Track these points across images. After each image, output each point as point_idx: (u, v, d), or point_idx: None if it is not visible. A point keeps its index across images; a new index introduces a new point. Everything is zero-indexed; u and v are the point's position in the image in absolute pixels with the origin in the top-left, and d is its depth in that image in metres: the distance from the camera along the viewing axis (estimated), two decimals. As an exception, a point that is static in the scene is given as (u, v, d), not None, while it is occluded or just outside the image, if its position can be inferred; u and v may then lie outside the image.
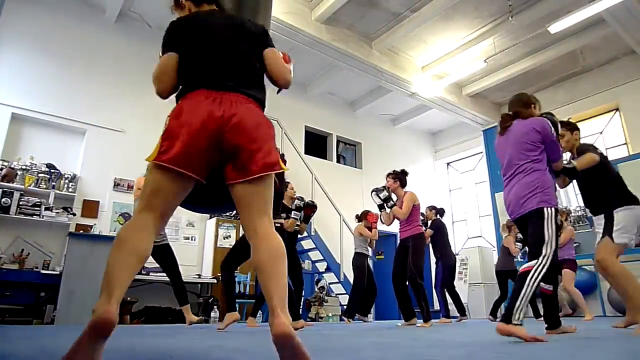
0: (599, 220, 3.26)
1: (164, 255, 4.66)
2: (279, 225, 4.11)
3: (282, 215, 4.59)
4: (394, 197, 4.82)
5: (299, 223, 4.97)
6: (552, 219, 2.47)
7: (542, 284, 2.67)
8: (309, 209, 4.94)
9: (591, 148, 3.37)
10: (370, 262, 6.43)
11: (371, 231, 6.20)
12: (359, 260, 6.14)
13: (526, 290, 2.23)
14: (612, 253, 3.06)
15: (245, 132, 1.32)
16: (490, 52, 7.94)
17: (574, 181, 3.40)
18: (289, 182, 5.15)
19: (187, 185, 1.35)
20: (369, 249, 6.34)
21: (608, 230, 3.10)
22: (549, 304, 2.87)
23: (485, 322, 6.00)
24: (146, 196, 1.33)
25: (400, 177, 4.86)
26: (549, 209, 2.49)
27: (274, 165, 1.35)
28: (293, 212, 4.74)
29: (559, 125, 2.88)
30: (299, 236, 5.41)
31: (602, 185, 3.29)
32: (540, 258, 2.35)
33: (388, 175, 4.91)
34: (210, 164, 1.35)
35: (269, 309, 1.26)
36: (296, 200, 4.78)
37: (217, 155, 1.33)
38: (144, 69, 7.25)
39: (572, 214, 7.91)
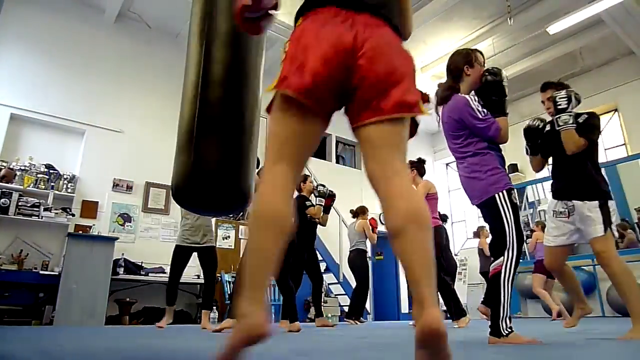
0: (585, 207, 2.61)
1: (212, 257, 4.51)
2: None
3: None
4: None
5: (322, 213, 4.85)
6: (507, 203, 2.19)
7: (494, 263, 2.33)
8: (329, 199, 4.85)
9: (595, 125, 2.74)
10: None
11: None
12: (360, 257, 5.92)
13: (504, 296, 2.10)
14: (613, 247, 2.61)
15: (381, 62, 1.06)
16: (489, 53, 7.95)
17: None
18: (308, 176, 5.04)
19: (313, 124, 1.11)
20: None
21: (607, 220, 2.56)
22: (492, 296, 2.38)
23: (485, 322, 5.99)
24: (273, 144, 1.09)
25: (416, 165, 4.52)
26: (500, 193, 2.20)
27: (413, 107, 1.09)
28: (317, 198, 4.63)
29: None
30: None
31: (593, 166, 2.72)
32: (506, 253, 2.14)
33: None
34: (335, 100, 1.11)
35: (414, 296, 0.95)
36: (319, 187, 4.65)
37: (342, 89, 1.09)
38: (143, 69, 7.27)
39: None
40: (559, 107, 2.60)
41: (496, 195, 2.20)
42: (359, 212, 6.23)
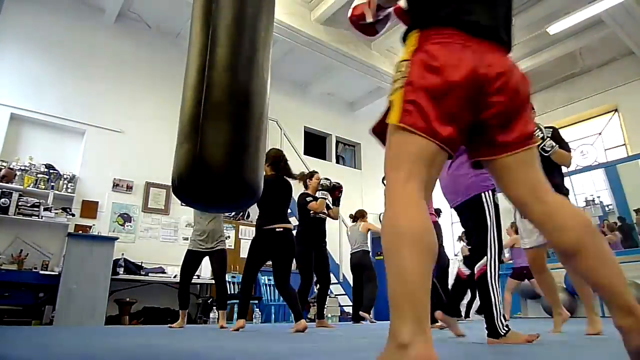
0: None
1: (221, 258, 4.58)
2: (285, 228, 3.86)
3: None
4: None
5: (331, 207, 4.80)
6: (490, 203, 2.32)
7: (462, 267, 2.57)
8: (336, 190, 4.79)
9: (561, 136, 3.20)
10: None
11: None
12: (368, 256, 5.92)
13: (494, 296, 2.15)
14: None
15: (514, 97, 1.04)
16: (489, 53, 7.95)
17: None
18: (315, 172, 4.99)
19: (442, 154, 1.04)
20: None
21: None
22: (458, 290, 2.64)
23: (483, 321, 5.99)
24: (405, 163, 1.01)
25: None
26: (486, 192, 2.33)
27: (532, 136, 1.08)
28: (320, 192, 4.55)
29: None
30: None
31: (558, 174, 3.10)
32: (489, 252, 2.22)
33: None
34: (464, 136, 1.07)
35: (616, 306, 0.91)
36: (322, 181, 4.58)
37: (472, 125, 1.06)
38: (143, 70, 7.27)
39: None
40: (539, 136, 2.97)
41: (482, 194, 2.31)
42: (359, 216, 6.25)
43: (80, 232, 5.73)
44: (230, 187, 1.64)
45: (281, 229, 3.81)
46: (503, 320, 2.09)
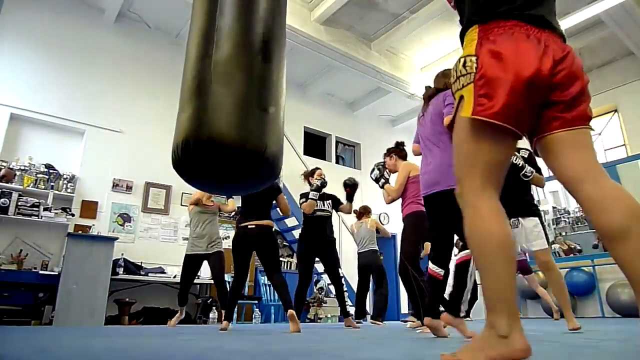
0: (530, 223, 3.42)
1: (217, 260, 4.69)
2: (258, 225, 3.88)
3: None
4: (391, 175, 4.16)
5: (324, 207, 4.75)
6: None
7: (434, 267, 2.56)
8: (347, 188, 4.78)
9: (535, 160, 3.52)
10: None
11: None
12: (378, 257, 5.67)
13: (470, 282, 2.25)
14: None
15: (576, 82, 1.12)
16: (489, 54, 7.96)
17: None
18: (318, 169, 4.97)
19: (512, 148, 1.13)
20: None
21: (545, 234, 3.41)
22: (436, 291, 2.58)
23: (480, 322, 5.98)
24: (481, 169, 1.09)
25: (395, 150, 4.22)
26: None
27: (590, 119, 1.16)
28: (311, 192, 4.49)
29: None
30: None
31: (523, 190, 3.50)
32: None
33: (384, 155, 4.30)
34: (533, 120, 1.13)
35: None
36: (315, 180, 4.55)
37: (541, 109, 1.13)
38: (143, 69, 7.27)
39: (571, 215, 7.92)
40: (519, 164, 3.37)
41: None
42: (363, 212, 6.02)
43: (80, 232, 5.73)
44: (247, 158, 1.36)
45: (253, 226, 3.87)
46: (463, 307, 2.23)
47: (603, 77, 8.66)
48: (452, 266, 2.58)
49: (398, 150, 4.15)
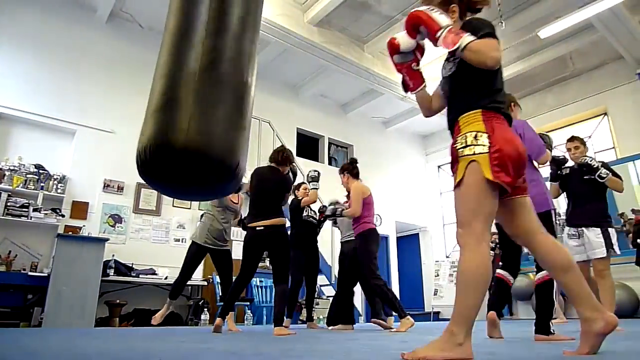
0: (590, 232, 3.67)
1: (229, 259, 4.49)
2: (266, 226, 3.67)
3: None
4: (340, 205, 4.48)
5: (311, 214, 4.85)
6: (555, 220, 2.66)
7: (505, 273, 2.85)
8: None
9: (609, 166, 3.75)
10: None
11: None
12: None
13: (555, 300, 2.50)
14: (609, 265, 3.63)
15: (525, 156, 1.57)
16: (481, 56, 8.01)
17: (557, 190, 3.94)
18: (303, 183, 4.97)
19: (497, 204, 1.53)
20: None
21: (609, 243, 3.60)
22: (503, 291, 2.88)
23: (475, 323, 6.01)
24: (482, 216, 1.46)
25: (348, 168, 4.37)
26: (553, 210, 2.66)
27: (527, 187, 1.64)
28: (311, 183, 4.40)
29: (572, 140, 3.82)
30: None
31: (600, 199, 3.75)
32: None
33: (339, 173, 4.49)
34: None
35: (586, 304, 1.47)
36: (310, 172, 4.43)
37: None
38: (135, 70, 7.22)
39: (562, 216, 7.98)
40: (594, 165, 3.65)
41: (551, 212, 2.66)
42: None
43: (70, 233, 5.67)
44: (219, 166, 1.42)
45: (262, 227, 3.60)
46: (552, 324, 2.46)
47: (593, 80, 8.76)
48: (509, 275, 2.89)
49: (351, 168, 4.39)
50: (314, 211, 5.01)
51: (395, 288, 9.98)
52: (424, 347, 1.38)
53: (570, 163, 3.91)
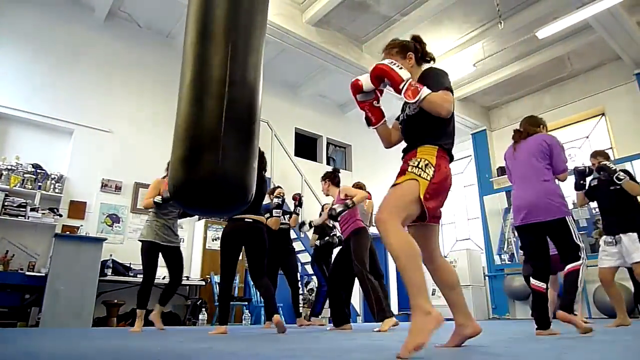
0: (626, 238, 3.85)
1: (179, 256, 4.43)
2: (255, 220, 3.86)
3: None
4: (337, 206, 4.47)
5: (284, 220, 5.18)
6: (574, 225, 2.92)
7: (537, 282, 2.97)
8: (295, 199, 5.26)
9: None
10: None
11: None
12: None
13: (580, 286, 2.84)
14: None
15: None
16: (479, 57, 8.02)
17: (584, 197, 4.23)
18: (278, 187, 5.16)
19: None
20: None
21: None
22: (540, 303, 2.93)
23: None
24: (405, 213, 1.71)
25: (329, 176, 4.74)
26: (569, 217, 2.91)
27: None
28: (274, 210, 4.72)
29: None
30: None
31: (630, 207, 3.94)
32: (582, 258, 2.84)
33: (321, 180, 4.84)
34: None
35: (461, 312, 1.92)
36: (275, 199, 4.76)
37: None
38: (133, 69, 7.22)
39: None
40: (612, 169, 3.82)
41: (567, 218, 2.89)
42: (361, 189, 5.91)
43: (68, 232, 5.66)
44: (238, 195, 1.75)
45: (250, 220, 3.78)
46: (575, 305, 2.82)
47: (591, 81, 8.78)
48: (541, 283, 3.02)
49: (333, 177, 4.75)
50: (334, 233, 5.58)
51: (393, 287, 9.98)
52: (409, 338, 1.46)
53: (595, 174, 4.09)
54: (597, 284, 6.84)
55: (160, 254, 4.29)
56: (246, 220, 3.76)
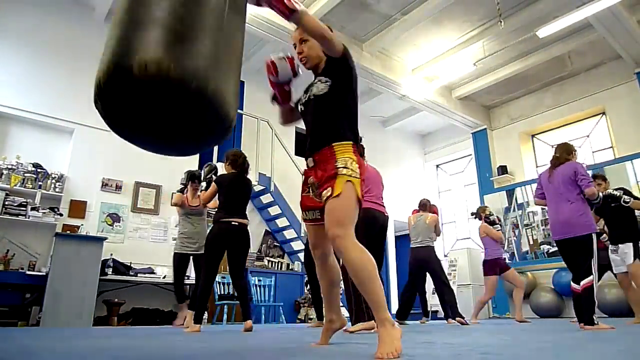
0: (624, 246, 4.45)
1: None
2: (241, 223, 4.05)
3: None
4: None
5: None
6: (595, 242, 3.48)
7: (576, 286, 3.50)
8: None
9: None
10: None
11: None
12: (435, 254, 5.62)
13: (595, 299, 3.39)
14: None
15: None
16: (479, 56, 8.01)
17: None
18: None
19: None
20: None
21: (637, 253, 4.36)
22: (581, 301, 3.47)
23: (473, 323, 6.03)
24: (354, 222, 1.74)
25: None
26: (594, 234, 3.48)
27: None
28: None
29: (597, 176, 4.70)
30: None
31: (629, 220, 4.50)
32: (594, 274, 3.41)
33: None
34: None
35: (335, 310, 2.06)
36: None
37: None
38: (133, 69, 7.21)
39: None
40: (617, 195, 4.40)
41: (592, 235, 3.47)
42: (426, 205, 5.85)
43: (68, 232, 5.66)
44: (211, 103, 1.17)
45: (237, 223, 3.96)
46: (596, 316, 3.35)
47: (591, 80, 8.77)
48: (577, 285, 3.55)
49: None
50: None
51: (393, 287, 9.99)
52: (383, 347, 1.48)
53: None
54: (597, 283, 6.84)
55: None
56: (232, 223, 3.95)
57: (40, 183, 5.87)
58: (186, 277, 6.47)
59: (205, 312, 5.96)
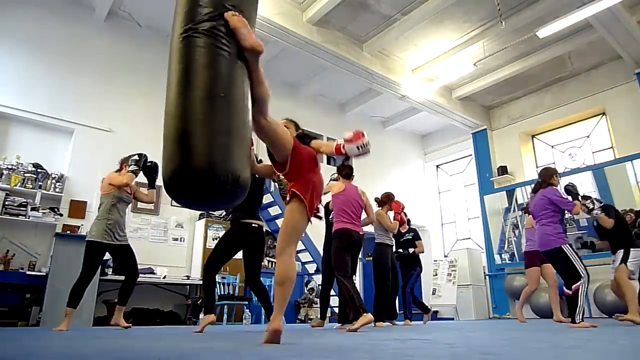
0: (617, 254, 4.72)
1: (129, 253, 4.49)
2: (260, 225, 4.04)
3: None
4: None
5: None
6: (571, 250, 3.92)
7: (564, 289, 3.96)
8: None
9: (612, 210, 4.74)
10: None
11: (392, 221, 5.36)
12: (380, 252, 5.31)
13: (580, 301, 3.75)
14: (625, 273, 4.63)
15: None
16: (479, 56, 8.01)
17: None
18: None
19: None
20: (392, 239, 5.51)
21: (625, 259, 4.63)
22: (572, 303, 3.84)
23: (473, 323, 6.02)
24: (297, 235, 2.30)
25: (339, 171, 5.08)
26: (566, 245, 3.94)
27: None
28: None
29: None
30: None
31: (619, 230, 4.73)
32: (582, 279, 3.80)
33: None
34: None
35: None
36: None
37: None
38: (133, 69, 7.22)
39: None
40: (590, 207, 4.55)
41: (563, 247, 3.94)
42: (385, 201, 5.46)
43: (68, 232, 5.66)
44: (219, 184, 1.65)
45: (256, 225, 3.98)
46: (581, 315, 3.71)
47: (591, 80, 8.77)
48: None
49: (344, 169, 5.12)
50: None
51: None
52: (267, 338, 2.02)
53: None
54: (597, 284, 6.84)
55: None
56: (253, 225, 3.95)
57: (40, 183, 5.87)
58: (186, 277, 6.48)
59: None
